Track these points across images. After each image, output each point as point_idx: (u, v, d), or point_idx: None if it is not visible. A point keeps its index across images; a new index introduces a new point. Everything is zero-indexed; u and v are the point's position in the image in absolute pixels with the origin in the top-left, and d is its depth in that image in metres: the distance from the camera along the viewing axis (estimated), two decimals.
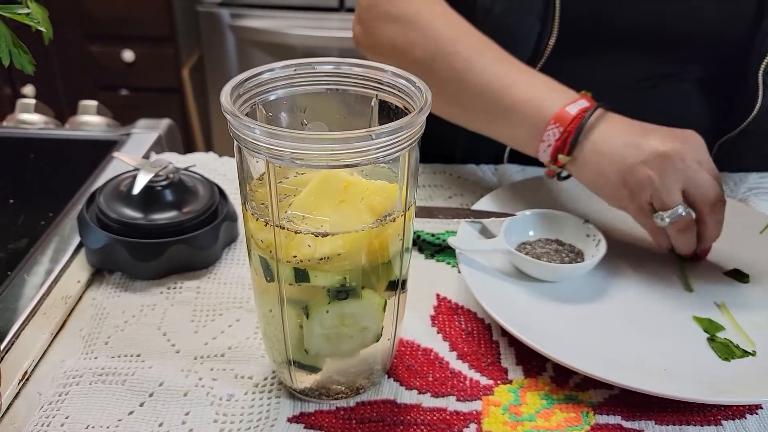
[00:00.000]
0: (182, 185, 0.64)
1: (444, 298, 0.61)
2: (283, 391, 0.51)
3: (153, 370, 0.52)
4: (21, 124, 0.87)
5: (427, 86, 0.43)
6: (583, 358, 0.51)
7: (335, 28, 1.91)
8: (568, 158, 0.62)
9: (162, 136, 0.85)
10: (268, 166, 0.40)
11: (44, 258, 0.62)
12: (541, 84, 0.65)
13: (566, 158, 0.62)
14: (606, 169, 0.60)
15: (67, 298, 0.58)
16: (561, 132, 0.62)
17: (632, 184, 0.59)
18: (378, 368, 0.51)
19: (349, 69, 0.46)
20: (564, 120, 0.62)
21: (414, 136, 0.41)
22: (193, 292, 0.61)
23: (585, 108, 0.62)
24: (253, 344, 0.55)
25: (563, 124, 0.62)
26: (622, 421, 0.49)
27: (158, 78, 2.05)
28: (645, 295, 0.61)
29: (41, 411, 0.49)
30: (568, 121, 0.61)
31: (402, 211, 0.44)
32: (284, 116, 0.47)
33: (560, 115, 0.62)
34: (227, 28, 1.97)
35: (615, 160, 0.60)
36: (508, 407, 0.50)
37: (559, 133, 0.62)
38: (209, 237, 0.62)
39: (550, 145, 0.63)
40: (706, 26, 0.72)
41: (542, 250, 0.63)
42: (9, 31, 0.48)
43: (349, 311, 0.45)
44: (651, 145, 0.58)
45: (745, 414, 0.50)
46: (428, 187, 0.76)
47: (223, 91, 0.42)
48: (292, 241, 0.42)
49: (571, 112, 0.62)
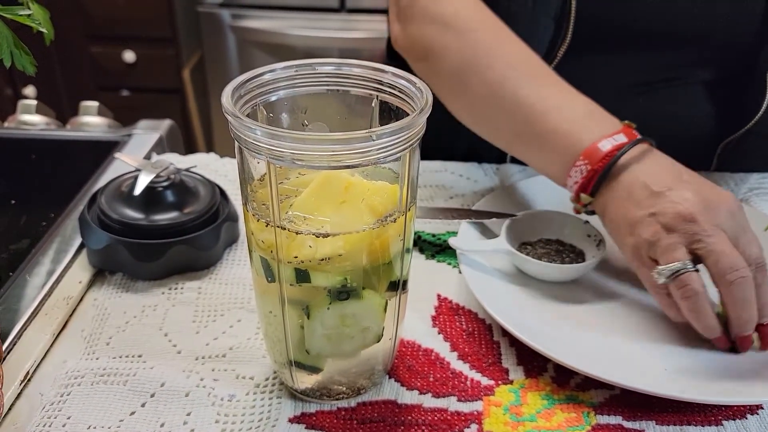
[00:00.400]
0: (183, 186, 0.64)
1: (445, 298, 0.61)
2: (284, 392, 0.51)
3: (154, 370, 0.52)
4: (22, 124, 0.88)
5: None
6: (584, 358, 0.51)
7: (336, 28, 1.91)
8: (590, 199, 0.58)
9: (163, 137, 0.85)
10: (269, 166, 0.40)
11: (46, 259, 0.63)
12: (580, 110, 0.60)
13: (588, 198, 0.58)
14: (619, 215, 0.56)
15: (68, 298, 0.59)
16: (588, 170, 0.57)
17: (636, 235, 0.54)
18: (379, 368, 0.51)
19: (350, 70, 0.46)
20: (593, 157, 0.57)
21: (415, 137, 0.41)
22: (195, 293, 0.61)
23: (620, 145, 0.57)
24: (255, 345, 0.55)
25: (592, 162, 0.57)
26: (622, 422, 0.49)
27: (159, 78, 2.05)
28: (646, 296, 0.60)
29: (43, 411, 0.49)
30: (597, 159, 0.57)
31: (403, 211, 0.44)
32: (285, 117, 0.47)
33: (590, 152, 0.57)
34: (228, 29, 1.97)
35: (629, 209, 0.55)
36: (509, 407, 0.50)
37: (586, 171, 0.57)
38: (210, 237, 0.62)
39: (576, 182, 0.58)
40: (718, 26, 0.71)
41: (543, 251, 0.63)
42: (10, 33, 0.48)
43: (350, 312, 0.45)
44: (670, 199, 0.53)
45: (746, 414, 0.50)
46: (429, 187, 0.76)
47: (224, 92, 0.42)
48: (293, 241, 0.42)
49: (603, 149, 0.57)
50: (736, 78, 0.75)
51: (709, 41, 0.73)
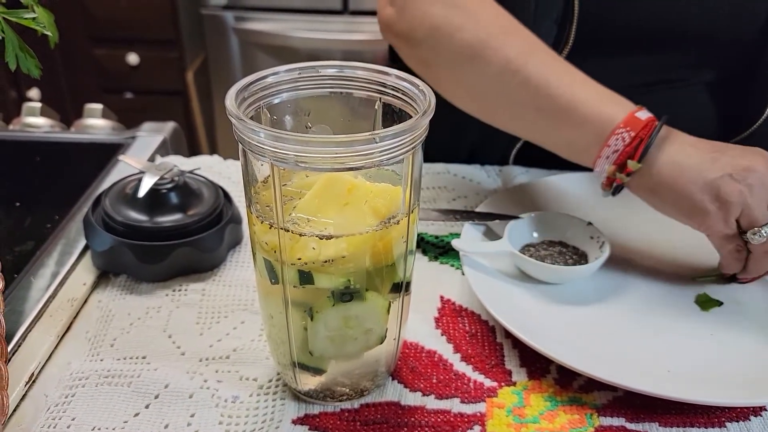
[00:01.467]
0: (187, 188, 0.64)
1: (448, 300, 0.61)
2: (287, 393, 0.51)
3: (158, 372, 0.53)
4: (27, 127, 0.88)
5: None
6: (587, 360, 0.51)
7: (339, 30, 1.91)
8: (638, 165, 0.57)
9: (167, 139, 0.85)
10: (273, 169, 0.40)
11: (50, 260, 0.63)
12: (601, 88, 0.61)
13: (637, 165, 0.57)
14: (685, 182, 0.56)
15: (73, 300, 0.59)
16: (632, 137, 0.57)
17: (722, 199, 0.55)
18: (382, 370, 0.51)
19: (353, 72, 0.46)
20: (635, 125, 0.57)
21: (417, 139, 0.41)
22: (198, 295, 0.61)
23: (652, 117, 0.58)
24: (258, 346, 0.55)
25: (634, 128, 0.57)
26: (626, 423, 0.50)
27: (163, 81, 2.06)
28: (648, 297, 0.61)
29: (48, 412, 0.49)
30: (640, 126, 0.57)
31: (406, 213, 0.44)
32: (288, 119, 0.47)
33: (631, 119, 0.57)
34: (231, 31, 1.97)
35: (696, 174, 0.55)
36: (512, 409, 0.50)
37: (630, 138, 0.57)
38: (214, 239, 0.62)
39: (617, 150, 0.57)
40: (721, 26, 0.71)
41: (546, 252, 0.63)
42: (16, 36, 0.48)
43: (354, 313, 0.45)
44: (734, 159, 0.55)
45: (750, 416, 0.50)
46: (432, 189, 0.76)
47: (228, 95, 0.42)
48: (296, 243, 0.42)
49: (641, 118, 0.57)
50: (739, 79, 0.75)
51: (712, 41, 0.73)
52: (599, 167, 0.59)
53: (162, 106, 2.07)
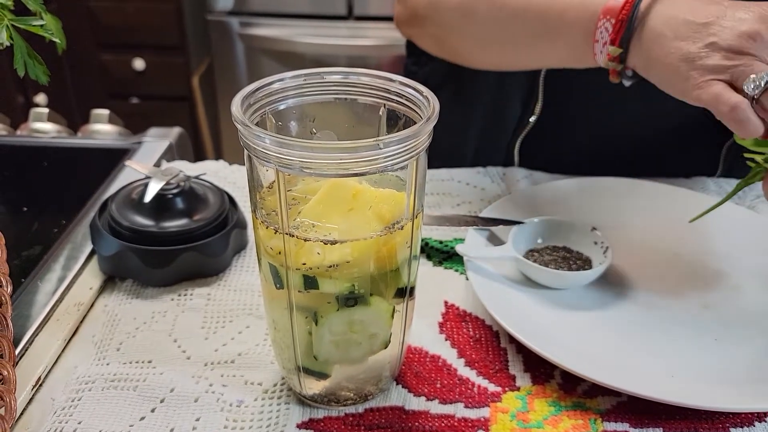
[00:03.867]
0: (193, 193, 0.65)
1: (452, 305, 0.61)
2: (292, 398, 0.51)
3: (164, 376, 0.53)
4: (34, 132, 0.89)
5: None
6: (591, 365, 0.51)
7: (344, 36, 1.92)
8: (618, 50, 0.57)
9: (173, 145, 0.86)
10: (278, 174, 0.41)
11: (57, 265, 0.63)
12: None
13: (617, 50, 0.57)
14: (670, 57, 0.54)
15: (79, 304, 0.59)
16: (613, 24, 0.57)
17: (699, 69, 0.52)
18: (386, 375, 0.51)
19: (358, 78, 0.47)
20: (613, 11, 0.57)
21: (422, 145, 0.42)
22: (204, 299, 0.61)
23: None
24: (263, 351, 0.56)
25: (613, 15, 0.57)
26: (630, 428, 0.50)
27: (168, 86, 2.07)
28: (652, 302, 0.61)
29: (54, 416, 0.50)
30: (618, 11, 0.57)
31: (410, 218, 0.44)
32: (294, 125, 0.48)
33: (609, 8, 0.58)
34: (237, 37, 1.98)
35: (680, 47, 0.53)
36: (516, 414, 0.51)
37: (611, 26, 0.57)
38: (219, 244, 0.63)
39: (605, 42, 0.58)
40: None
41: (550, 258, 0.64)
42: (24, 42, 0.49)
43: (358, 318, 0.45)
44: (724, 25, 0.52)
45: (754, 422, 0.50)
46: (436, 194, 0.76)
47: (234, 101, 0.42)
48: (301, 248, 0.43)
49: (619, 2, 0.57)
50: None
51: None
52: (600, 64, 0.60)
53: (168, 111, 2.08)
